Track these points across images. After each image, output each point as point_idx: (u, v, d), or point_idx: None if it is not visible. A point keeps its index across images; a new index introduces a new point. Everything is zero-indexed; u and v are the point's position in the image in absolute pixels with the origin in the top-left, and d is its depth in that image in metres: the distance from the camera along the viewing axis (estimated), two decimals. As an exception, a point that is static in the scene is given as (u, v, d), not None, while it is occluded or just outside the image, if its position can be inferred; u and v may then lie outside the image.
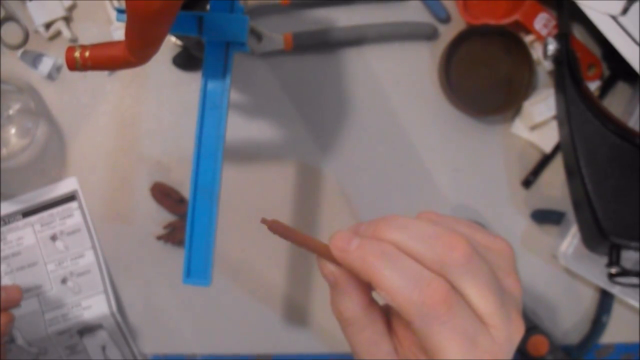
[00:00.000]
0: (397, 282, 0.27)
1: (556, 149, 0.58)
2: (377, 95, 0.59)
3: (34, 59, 0.58)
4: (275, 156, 0.59)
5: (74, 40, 0.58)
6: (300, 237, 0.30)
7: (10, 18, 0.58)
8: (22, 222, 0.59)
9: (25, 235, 0.58)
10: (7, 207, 0.58)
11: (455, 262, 0.27)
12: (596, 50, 0.59)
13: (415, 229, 0.28)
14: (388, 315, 0.32)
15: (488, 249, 0.30)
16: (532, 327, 0.57)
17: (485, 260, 0.28)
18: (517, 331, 0.28)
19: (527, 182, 0.59)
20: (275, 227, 0.30)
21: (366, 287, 0.30)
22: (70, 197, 0.59)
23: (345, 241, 0.29)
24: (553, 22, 0.57)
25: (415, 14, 0.59)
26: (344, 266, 0.29)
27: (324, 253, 0.30)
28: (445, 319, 0.26)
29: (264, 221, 0.30)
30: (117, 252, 0.59)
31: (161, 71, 0.59)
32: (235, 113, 0.59)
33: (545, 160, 0.59)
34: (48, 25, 0.57)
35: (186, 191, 0.58)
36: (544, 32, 0.57)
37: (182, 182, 0.59)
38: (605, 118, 0.52)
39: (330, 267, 0.30)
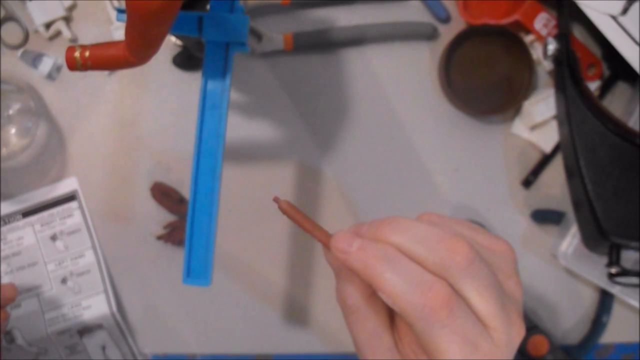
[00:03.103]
0: (398, 285, 0.27)
1: (556, 149, 0.58)
2: (377, 95, 0.59)
3: (34, 59, 0.58)
4: (275, 156, 0.59)
5: (74, 40, 0.58)
6: (307, 223, 0.30)
7: (10, 18, 0.58)
8: (22, 222, 0.59)
9: (25, 235, 0.58)
10: (7, 207, 0.58)
11: (457, 266, 0.27)
12: (596, 50, 0.59)
13: (417, 232, 0.28)
14: (391, 310, 0.32)
15: (489, 251, 0.30)
16: (532, 327, 0.57)
17: (486, 263, 0.28)
18: (518, 334, 0.28)
19: (527, 182, 0.59)
20: (285, 208, 0.30)
21: None
22: (70, 197, 0.59)
23: (346, 242, 0.28)
24: (553, 22, 0.57)
25: (415, 14, 0.59)
26: (346, 267, 0.29)
27: (329, 243, 0.30)
28: (447, 322, 0.26)
29: (276, 199, 0.30)
30: (117, 252, 0.59)
31: (161, 71, 0.59)
32: (235, 113, 0.59)
33: (545, 160, 0.59)
34: (48, 25, 0.57)
35: (186, 191, 0.58)
36: (544, 32, 0.57)
37: (182, 182, 0.59)
38: (605, 118, 0.52)
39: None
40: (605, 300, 0.59)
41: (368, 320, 0.30)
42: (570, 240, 0.57)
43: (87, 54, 0.37)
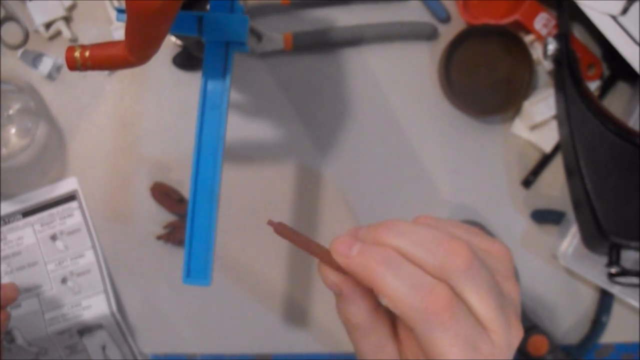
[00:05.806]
0: (399, 289, 0.27)
1: (556, 149, 0.58)
2: (376, 96, 0.59)
3: (34, 59, 0.58)
4: (275, 156, 0.59)
5: (74, 40, 0.58)
6: (304, 241, 0.30)
7: (10, 18, 0.58)
8: (22, 222, 0.59)
9: (25, 235, 0.58)
10: (7, 207, 0.58)
11: (456, 268, 0.27)
12: (596, 50, 0.59)
13: (417, 235, 0.28)
14: (393, 316, 0.32)
15: (487, 253, 0.30)
16: (532, 327, 0.57)
17: (485, 265, 0.28)
18: (517, 335, 0.29)
19: (527, 182, 0.59)
20: (280, 230, 0.30)
21: (371, 292, 0.30)
22: (70, 197, 0.59)
23: (346, 246, 0.28)
24: (553, 22, 0.57)
25: (415, 14, 0.59)
26: (347, 271, 0.29)
27: (328, 259, 0.30)
28: (448, 325, 0.26)
29: (270, 223, 0.30)
30: (117, 252, 0.59)
31: (161, 71, 0.59)
32: (235, 113, 0.59)
33: (545, 160, 0.59)
34: (48, 25, 0.57)
35: (186, 191, 0.58)
36: (544, 32, 0.57)
37: (182, 182, 0.59)
38: (605, 118, 0.52)
39: (332, 278, 0.30)
40: (605, 300, 0.59)
41: (372, 334, 0.31)
42: (570, 240, 0.57)
43: (87, 54, 0.37)
